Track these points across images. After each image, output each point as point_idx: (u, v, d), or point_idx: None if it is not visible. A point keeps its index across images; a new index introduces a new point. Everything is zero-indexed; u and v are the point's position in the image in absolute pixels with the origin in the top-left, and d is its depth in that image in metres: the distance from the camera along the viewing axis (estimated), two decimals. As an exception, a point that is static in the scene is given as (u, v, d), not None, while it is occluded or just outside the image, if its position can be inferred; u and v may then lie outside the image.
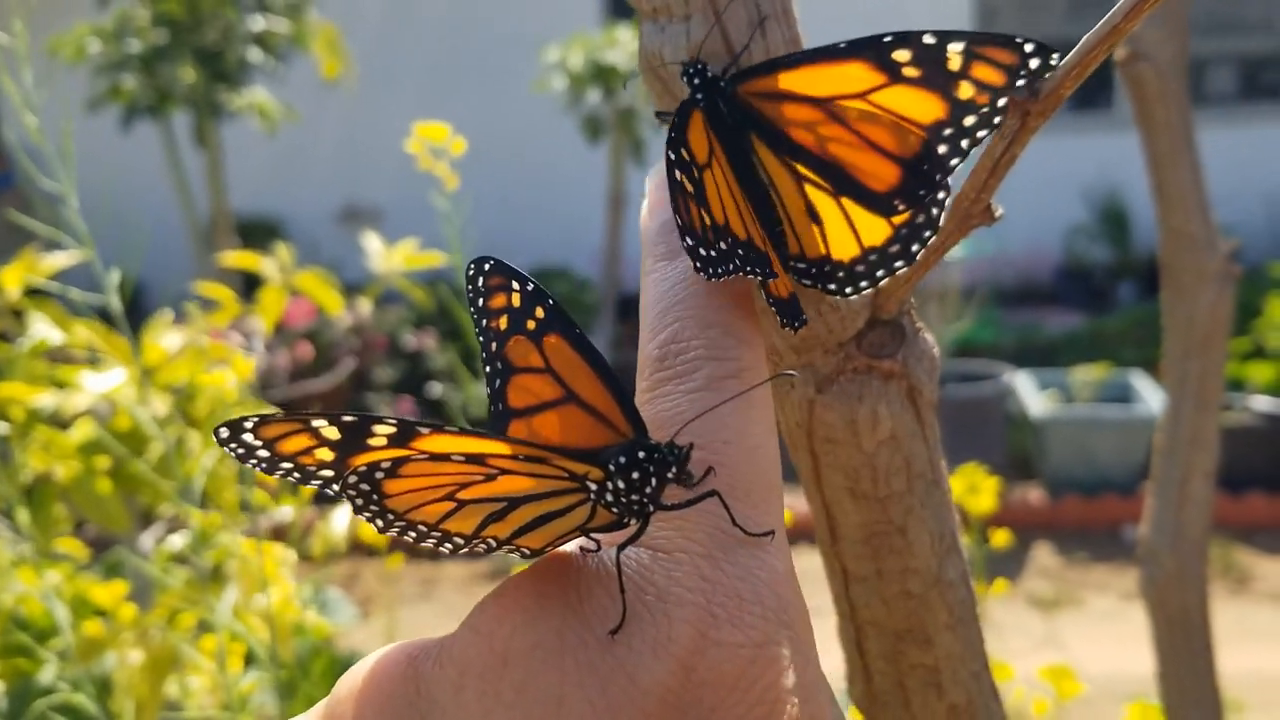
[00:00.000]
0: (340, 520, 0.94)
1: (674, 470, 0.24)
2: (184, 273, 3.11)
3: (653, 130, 3.44)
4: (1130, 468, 2.83)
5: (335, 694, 0.24)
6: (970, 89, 0.27)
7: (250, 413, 0.24)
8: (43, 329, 0.86)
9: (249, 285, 2.89)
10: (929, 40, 0.27)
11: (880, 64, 0.27)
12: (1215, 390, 0.68)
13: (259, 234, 4.04)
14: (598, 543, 0.25)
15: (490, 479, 0.24)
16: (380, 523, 0.24)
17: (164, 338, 0.87)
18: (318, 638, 1.00)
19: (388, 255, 1.04)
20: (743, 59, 0.30)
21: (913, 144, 0.28)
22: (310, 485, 0.24)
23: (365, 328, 3.41)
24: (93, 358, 0.85)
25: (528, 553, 0.25)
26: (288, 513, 0.95)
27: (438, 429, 0.23)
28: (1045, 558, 2.70)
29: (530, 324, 0.27)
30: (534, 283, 0.27)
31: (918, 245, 0.29)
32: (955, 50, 0.27)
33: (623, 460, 0.24)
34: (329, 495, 0.25)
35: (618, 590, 0.23)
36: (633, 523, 0.24)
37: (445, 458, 0.23)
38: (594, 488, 0.24)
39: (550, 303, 0.27)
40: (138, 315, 0.77)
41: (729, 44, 0.30)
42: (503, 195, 3.98)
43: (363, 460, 0.23)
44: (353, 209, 4.65)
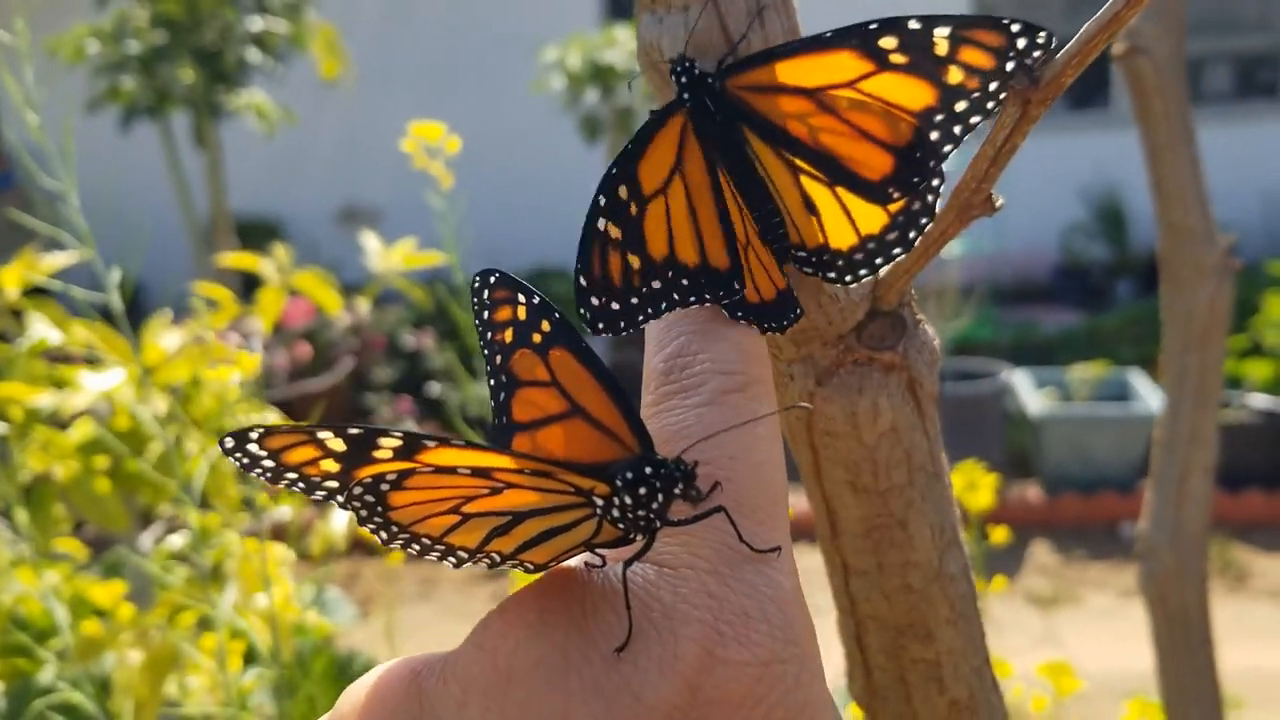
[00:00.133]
0: (340, 520, 0.94)
1: (681, 486, 0.23)
2: (183, 273, 3.10)
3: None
4: (1128, 465, 2.83)
5: (338, 709, 0.23)
6: (959, 73, 0.27)
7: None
8: (41, 329, 0.86)
9: (248, 285, 2.89)
10: (914, 25, 0.27)
11: (867, 51, 0.27)
12: (1214, 385, 0.68)
13: (258, 234, 4.04)
14: (602, 558, 0.25)
15: (496, 493, 0.24)
16: (384, 535, 0.24)
17: (163, 337, 0.87)
18: (317, 637, 1.00)
19: (386, 255, 1.04)
20: (741, 49, 0.30)
21: (905, 131, 0.28)
22: (314, 496, 0.24)
23: (364, 327, 3.41)
24: (91, 357, 0.85)
25: (532, 567, 0.25)
26: (287, 512, 0.95)
27: (444, 442, 0.23)
28: (1043, 555, 2.70)
29: (536, 337, 0.27)
30: (540, 296, 0.27)
31: (915, 233, 0.29)
32: (941, 35, 0.27)
33: (629, 476, 0.24)
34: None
35: (623, 607, 0.23)
36: (638, 538, 0.24)
37: (451, 471, 0.23)
38: (600, 503, 0.24)
39: (556, 316, 0.27)
40: (137, 315, 0.77)
41: (727, 35, 0.30)
42: (501, 195, 3.98)
43: (368, 472, 0.23)
44: (351, 209, 4.65)
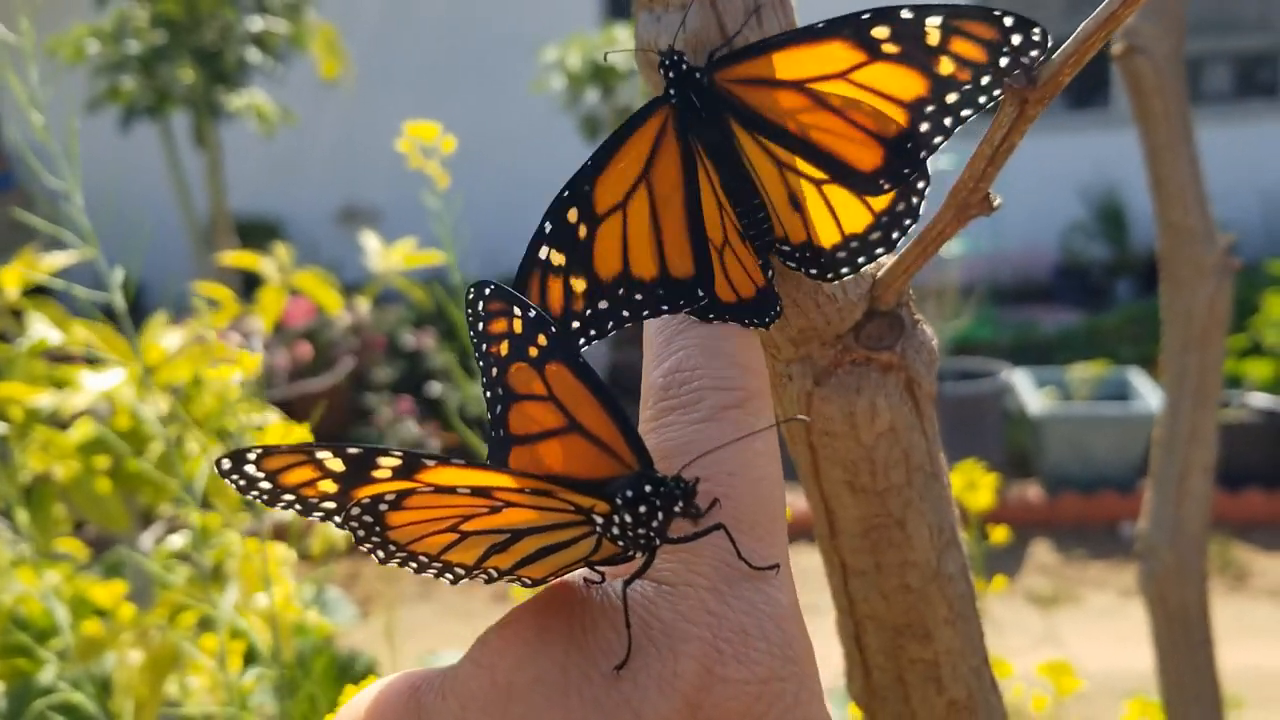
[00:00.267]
0: (339, 519, 0.94)
1: (680, 505, 0.23)
2: (183, 273, 3.10)
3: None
4: (1128, 465, 2.83)
5: None
6: (951, 64, 0.27)
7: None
8: (41, 328, 0.86)
9: (248, 285, 2.89)
10: (907, 15, 0.27)
11: (859, 41, 0.27)
12: (1214, 385, 0.68)
13: (258, 234, 4.04)
14: (601, 574, 0.25)
15: (495, 511, 0.24)
16: (382, 554, 0.24)
17: (164, 336, 0.87)
18: (318, 637, 1.00)
19: (386, 255, 1.04)
20: (737, 47, 0.29)
21: (896, 122, 0.28)
22: (311, 517, 0.24)
23: (364, 327, 3.41)
24: (92, 357, 0.85)
25: (530, 582, 0.25)
26: (288, 512, 0.94)
27: (443, 462, 0.23)
28: (1043, 555, 2.70)
29: (532, 351, 0.26)
30: (536, 309, 0.26)
31: (898, 233, 0.29)
32: (933, 25, 0.27)
33: (629, 494, 0.24)
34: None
35: (623, 624, 0.23)
36: (638, 555, 0.24)
37: (450, 490, 0.23)
38: (600, 521, 0.24)
39: (553, 330, 0.26)
40: (137, 315, 0.77)
41: (724, 33, 0.30)
42: (500, 195, 3.98)
43: (367, 492, 0.23)
44: (351, 209, 4.65)
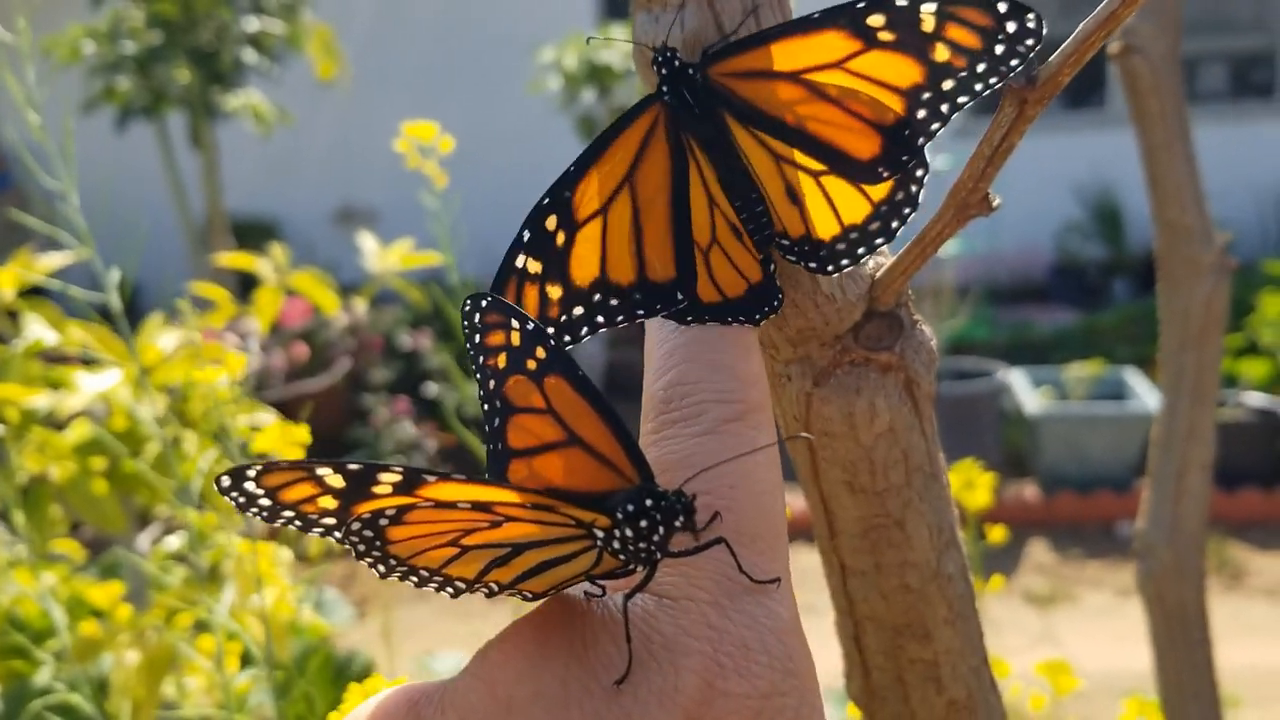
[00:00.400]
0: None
1: (682, 519, 0.23)
2: (180, 273, 3.10)
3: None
4: (1124, 464, 2.83)
5: None
6: (946, 51, 0.27)
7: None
8: (37, 329, 0.86)
9: (245, 286, 2.89)
10: (902, 2, 0.27)
11: (855, 30, 0.27)
12: (1211, 384, 0.68)
13: (254, 235, 4.03)
14: (602, 588, 0.25)
15: (495, 526, 0.23)
16: (382, 568, 0.24)
17: (160, 337, 0.87)
18: (314, 637, 1.00)
19: (383, 255, 1.04)
20: None
21: (893, 110, 0.28)
22: (310, 533, 0.24)
23: (361, 328, 3.41)
24: (88, 358, 0.85)
25: (530, 596, 0.25)
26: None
27: (444, 477, 0.23)
28: (1040, 554, 2.70)
29: (530, 364, 0.26)
30: (534, 322, 0.26)
31: (898, 222, 0.29)
32: (928, 11, 0.27)
33: (630, 509, 0.23)
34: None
35: (623, 638, 0.22)
36: (639, 569, 0.24)
37: (451, 505, 0.23)
38: (601, 535, 0.24)
39: (551, 343, 0.26)
40: (133, 315, 0.77)
41: (722, 31, 0.30)
42: (497, 195, 3.97)
43: (367, 508, 0.23)
44: (348, 210, 4.65)
